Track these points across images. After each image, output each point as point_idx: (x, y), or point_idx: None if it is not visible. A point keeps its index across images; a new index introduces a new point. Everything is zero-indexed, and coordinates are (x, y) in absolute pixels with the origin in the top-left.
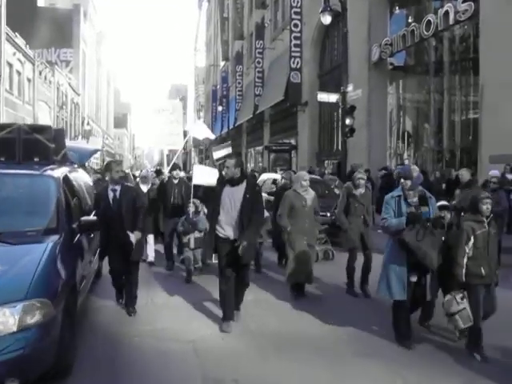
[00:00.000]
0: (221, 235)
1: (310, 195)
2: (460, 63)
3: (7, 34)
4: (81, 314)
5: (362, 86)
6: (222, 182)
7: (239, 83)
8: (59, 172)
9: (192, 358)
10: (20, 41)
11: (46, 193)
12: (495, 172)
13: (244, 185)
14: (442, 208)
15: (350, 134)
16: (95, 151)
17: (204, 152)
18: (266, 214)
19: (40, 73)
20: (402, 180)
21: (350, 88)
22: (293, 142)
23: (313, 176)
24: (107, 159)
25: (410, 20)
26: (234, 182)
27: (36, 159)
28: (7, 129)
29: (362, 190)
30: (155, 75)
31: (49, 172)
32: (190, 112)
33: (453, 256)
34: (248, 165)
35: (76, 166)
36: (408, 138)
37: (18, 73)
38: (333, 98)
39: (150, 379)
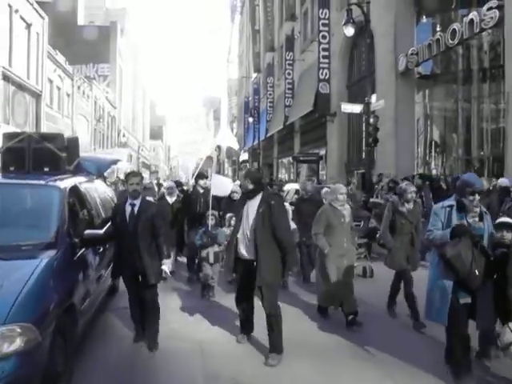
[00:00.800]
0: (239, 254)
1: (347, 210)
2: (489, 71)
3: (48, 53)
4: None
5: (389, 96)
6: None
7: (270, 94)
8: (67, 182)
9: (197, 358)
10: (60, 58)
11: (49, 204)
12: (505, 181)
13: (259, 198)
14: (503, 226)
15: (374, 144)
16: (115, 162)
17: (237, 163)
18: (293, 225)
19: (78, 88)
20: (468, 190)
21: (373, 99)
22: (322, 152)
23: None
24: (143, 169)
25: (437, 28)
26: (249, 195)
27: (46, 169)
28: (17, 138)
29: (410, 206)
30: (190, 87)
31: (54, 182)
32: (223, 124)
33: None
34: (279, 175)
35: (95, 176)
36: (436, 147)
37: (58, 88)
38: (357, 108)
39: (152, 375)
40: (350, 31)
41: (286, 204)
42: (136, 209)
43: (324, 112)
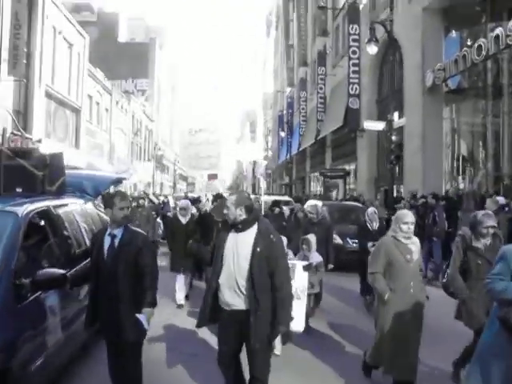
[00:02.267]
0: (221, 303)
1: (415, 245)
2: None
3: (89, 70)
4: None
5: (417, 112)
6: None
7: (303, 109)
8: (33, 206)
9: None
10: (99, 74)
11: None
12: (500, 199)
13: (254, 231)
14: None
15: (396, 161)
16: (119, 180)
17: (271, 176)
18: (320, 258)
19: (117, 102)
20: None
21: (395, 116)
22: (352, 167)
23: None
24: (179, 181)
25: (468, 42)
26: (238, 227)
27: (19, 189)
28: None
29: (487, 241)
30: (227, 101)
31: (13, 207)
32: (260, 137)
33: None
34: (311, 189)
35: (92, 197)
36: (464, 163)
37: (97, 103)
38: (380, 126)
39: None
40: (373, 49)
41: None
42: (117, 241)
43: (353, 127)
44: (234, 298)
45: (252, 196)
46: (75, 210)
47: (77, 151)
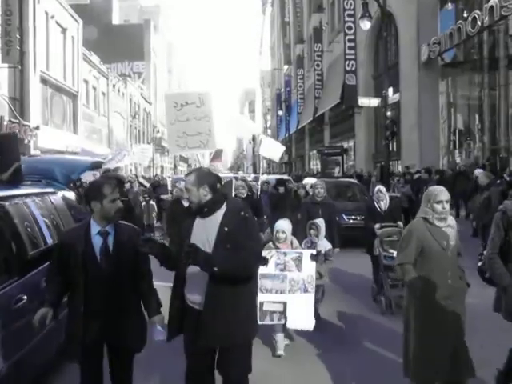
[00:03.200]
0: (187, 303)
1: (452, 228)
2: None
3: (83, 54)
4: None
5: (412, 86)
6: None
7: (300, 86)
8: None
9: None
10: (95, 58)
11: None
12: (479, 171)
13: (221, 213)
14: None
15: (392, 137)
16: (96, 165)
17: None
18: (329, 246)
19: (113, 86)
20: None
21: (390, 92)
22: (350, 144)
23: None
24: (180, 163)
25: (464, 15)
26: (204, 211)
27: None
28: None
29: None
30: (225, 80)
31: None
32: (259, 117)
33: None
34: (311, 167)
35: (63, 186)
36: (460, 136)
37: (94, 88)
38: (374, 102)
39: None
40: (366, 25)
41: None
42: (111, 240)
43: (351, 104)
44: (200, 294)
45: (251, 175)
46: (33, 202)
47: (75, 137)
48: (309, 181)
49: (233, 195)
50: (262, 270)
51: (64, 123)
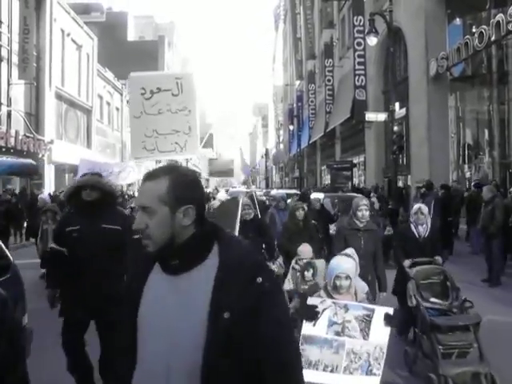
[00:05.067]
0: None
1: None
2: None
3: (98, 71)
4: None
5: (422, 101)
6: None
7: (312, 101)
8: None
9: None
10: (109, 74)
11: None
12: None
13: (212, 268)
14: None
15: (399, 151)
16: (22, 166)
17: (284, 169)
18: (366, 287)
19: (127, 101)
20: None
21: (397, 106)
22: (361, 159)
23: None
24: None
25: (473, 29)
26: (174, 263)
27: None
28: None
29: None
30: (238, 95)
31: None
32: (271, 131)
33: None
34: (323, 182)
35: None
36: (469, 151)
37: (108, 103)
38: (381, 117)
39: None
40: (372, 41)
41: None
42: None
43: (361, 119)
44: None
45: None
46: None
47: (89, 151)
48: (317, 196)
49: (238, 217)
50: (306, 328)
51: (78, 138)
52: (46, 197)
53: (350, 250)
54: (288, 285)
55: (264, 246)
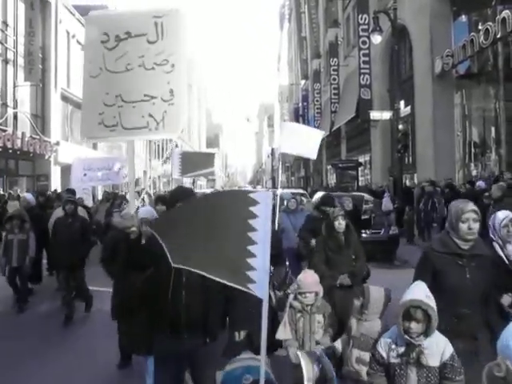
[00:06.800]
0: None
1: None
2: None
3: None
4: None
5: (427, 99)
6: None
7: (317, 101)
8: None
9: None
10: None
11: None
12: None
13: None
14: None
15: (404, 150)
16: None
17: (290, 169)
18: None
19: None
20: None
21: (401, 105)
22: (367, 158)
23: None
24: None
25: (479, 26)
26: None
27: None
28: None
29: None
30: (244, 95)
31: None
32: (277, 131)
33: None
34: (329, 182)
35: None
36: (475, 149)
37: None
38: (386, 115)
39: None
40: (377, 39)
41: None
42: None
43: (366, 117)
44: None
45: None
46: None
47: (95, 152)
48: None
49: None
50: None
51: (84, 139)
52: (30, 197)
53: (423, 290)
54: (283, 333)
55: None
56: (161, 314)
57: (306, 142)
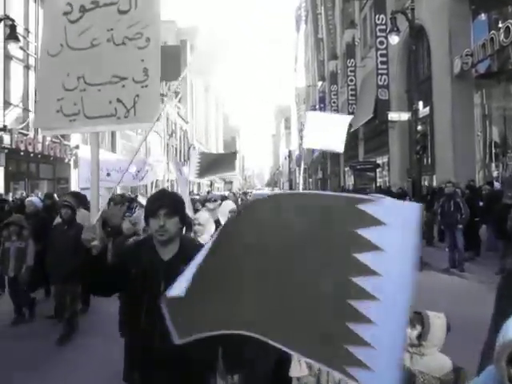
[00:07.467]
0: None
1: None
2: None
3: None
4: None
5: (446, 100)
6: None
7: (334, 102)
8: None
9: None
10: None
11: None
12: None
13: None
14: None
15: (423, 151)
16: None
17: (307, 171)
18: None
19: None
20: None
21: (420, 106)
22: (385, 159)
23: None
24: (217, 180)
25: (499, 25)
26: None
27: None
28: None
29: None
30: (261, 97)
31: None
32: (294, 133)
33: None
34: (347, 183)
35: None
36: (496, 149)
37: None
38: (404, 116)
39: None
40: (394, 40)
41: None
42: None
43: (384, 119)
44: None
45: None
46: None
47: (114, 155)
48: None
49: None
50: None
51: (103, 142)
52: (37, 200)
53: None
54: (297, 370)
55: None
56: (133, 340)
57: (333, 131)
